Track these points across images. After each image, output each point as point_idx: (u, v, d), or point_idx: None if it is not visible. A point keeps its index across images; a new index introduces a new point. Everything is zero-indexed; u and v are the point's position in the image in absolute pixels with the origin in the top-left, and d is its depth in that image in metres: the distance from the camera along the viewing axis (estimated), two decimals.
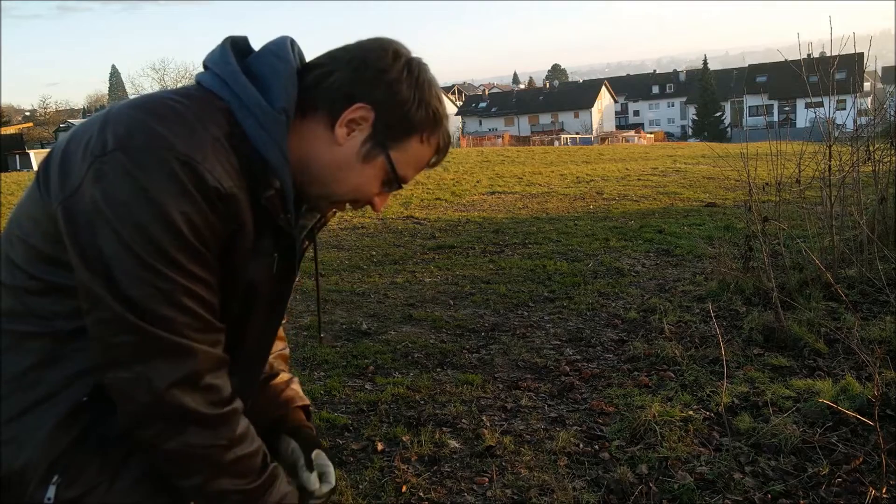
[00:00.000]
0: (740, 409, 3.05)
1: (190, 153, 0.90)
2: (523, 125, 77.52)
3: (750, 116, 56.67)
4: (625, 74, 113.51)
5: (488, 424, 3.07)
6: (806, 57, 5.21)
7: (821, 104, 5.16)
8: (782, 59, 5.66)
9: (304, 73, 1.04)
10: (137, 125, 0.92)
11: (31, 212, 0.99)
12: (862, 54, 5.50)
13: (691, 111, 78.49)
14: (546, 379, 3.67)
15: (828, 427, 2.77)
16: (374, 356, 4.04)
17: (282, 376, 1.38)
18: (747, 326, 4.05)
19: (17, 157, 29.63)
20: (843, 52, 4.85)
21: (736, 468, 2.56)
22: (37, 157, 29.47)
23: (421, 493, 2.55)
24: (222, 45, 1.04)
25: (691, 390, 3.32)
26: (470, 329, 4.58)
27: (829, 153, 4.91)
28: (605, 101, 79.70)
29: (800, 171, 5.10)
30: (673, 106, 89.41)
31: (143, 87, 63.01)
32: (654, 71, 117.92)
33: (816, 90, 5.03)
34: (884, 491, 2.26)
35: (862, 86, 6.35)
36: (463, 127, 76.12)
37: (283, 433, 1.30)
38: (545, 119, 78.02)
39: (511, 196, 12.66)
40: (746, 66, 78.71)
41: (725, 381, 3.14)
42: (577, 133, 59.68)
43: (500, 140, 51.39)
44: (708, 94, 73.21)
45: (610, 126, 76.73)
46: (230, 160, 0.95)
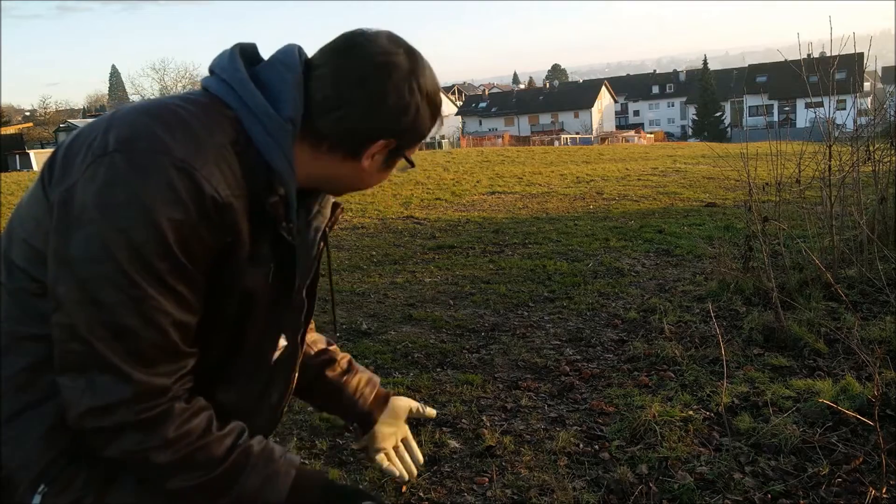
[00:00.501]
0: (740, 409, 3.05)
1: (188, 160, 0.89)
2: (523, 125, 77.54)
3: (750, 116, 56.68)
4: (625, 74, 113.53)
5: (488, 424, 3.07)
6: (806, 57, 5.21)
7: (821, 104, 5.16)
8: (782, 59, 5.66)
9: (308, 81, 1.03)
10: (140, 129, 0.91)
11: (32, 212, 0.98)
12: (862, 54, 5.50)
13: (691, 111, 78.50)
14: (546, 379, 3.67)
15: (828, 427, 2.77)
16: (374, 356, 4.04)
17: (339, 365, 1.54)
18: (747, 326, 4.05)
19: (17, 157, 29.61)
20: (843, 52, 4.85)
21: (736, 468, 2.56)
22: (37, 157, 29.45)
23: (421, 493, 2.55)
24: (231, 51, 1.04)
25: (691, 390, 3.32)
26: (470, 329, 4.58)
27: (829, 153, 4.91)
28: (605, 101, 79.73)
29: (800, 171, 5.10)
30: (673, 106, 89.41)
31: (143, 87, 63.17)
32: (654, 71, 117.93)
33: (816, 90, 5.03)
34: (884, 491, 2.26)
35: (862, 86, 6.35)
36: (463, 127, 76.13)
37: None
38: (545, 119, 78.04)
39: (511, 196, 12.66)
40: (746, 66, 78.71)
41: (725, 381, 3.14)
42: (577, 133, 59.69)
43: (500, 140, 51.42)
44: (708, 94, 73.22)
45: (610, 126, 76.74)
46: (232, 167, 0.94)
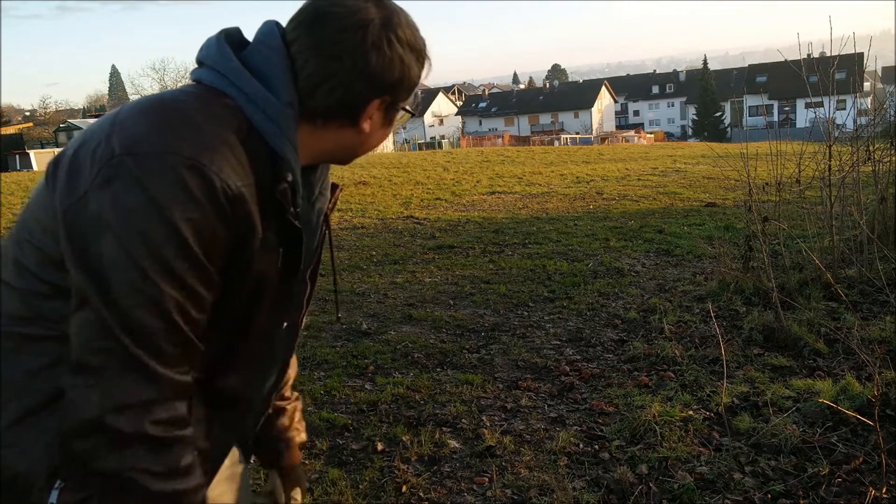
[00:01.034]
0: (740, 409, 3.05)
1: (197, 156, 0.89)
2: (523, 125, 77.50)
3: (750, 116, 56.64)
4: (625, 74, 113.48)
5: (488, 424, 3.07)
6: (806, 57, 5.21)
7: (821, 104, 5.16)
8: (782, 59, 5.67)
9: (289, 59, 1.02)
10: (144, 130, 0.91)
11: (39, 215, 0.98)
12: (862, 54, 5.50)
13: (691, 111, 78.45)
14: (546, 379, 3.67)
15: (828, 427, 2.77)
16: (374, 356, 4.04)
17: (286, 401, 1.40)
18: (747, 326, 4.05)
19: (17, 157, 29.60)
20: (843, 52, 4.86)
21: (736, 468, 2.56)
22: (37, 157, 29.44)
23: (421, 493, 2.55)
24: (217, 39, 1.03)
25: (691, 390, 3.32)
26: (470, 329, 4.58)
27: (829, 153, 4.91)
28: (605, 101, 79.68)
29: (800, 171, 5.10)
30: (673, 106, 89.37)
31: (143, 87, 63.09)
32: (654, 71, 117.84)
33: (816, 90, 5.04)
34: (884, 491, 2.26)
35: (862, 86, 6.34)
36: (463, 127, 76.07)
37: (273, 470, 1.39)
38: (545, 119, 78.00)
39: (511, 196, 12.66)
40: (746, 66, 78.69)
41: (725, 381, 3.14)
42: (577, 133, 59.65)
43: (500, 140, 51.40)
44: (708, 94, 73.18)
45: (610, 126, 76.70)
46: (239, 158, 0.94)
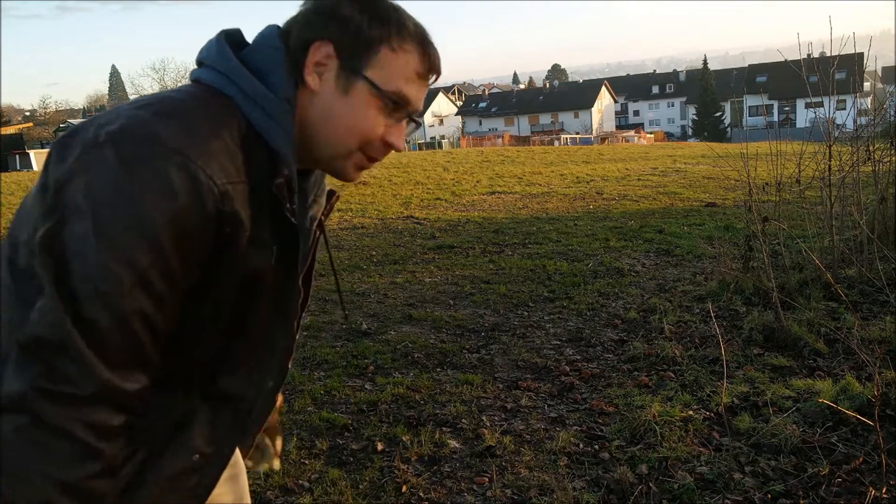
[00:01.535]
0: (740, 409, 3.05)
1: (183, 150, 0.87)
2: (523, 125, 77.48)
3: (750, 116, 56.62)
4: (625, 74, 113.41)
5: (488, 424, 3.07)
6: (806, 57, 5.21)
7: (821, 104, 5.16)
8: (782, 59, 5.67)
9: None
10: (134, 121, 0.89)
11: (32, 213, 0.96)
12: (862, 54, 5.50)
13: (691, 111, 78.42)
14: (546, 379, 3.67)
15: (828, 427, 2.77)
16: (374, 356, 4.04)
17: None
18: (747, 326, 4.05)
19: (17, 157, 29.58)
20: (843, 52, 4.85)
21: (736, 468, 2.56)
22: (37, 157, 29.42)
23: (421, 493, 2.55)
24: (217, 40, 1.03)
25: (691, 390, 3.32)
26: (470, 329, 4.58)
27: (829, 153, 4.91)
28: (605, 101, 79.66)
29: (800, 171, 5.10)
30: (673, 106, 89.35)
31: (142, 87, 63.18)
32: (654, 71, 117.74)
33: (816, 90, 5.04)
34: (884, 491, 2.26)
35: (862, 86, 6.34)
36: (463, 127, 76.06)
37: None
38: (545, 119, 77.98)
39: (511, 196, 12.66)
40: (746, 66, 78.66)
41: (725, 381, 3.14)
42: (577, 133, 59.63)
43: (500, 140, 51.38)
44: (708, 94, 73.16)
45: (610, 126, 76.67)
46: (231, 155, 0.93)
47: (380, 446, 2.90)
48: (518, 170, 17.73)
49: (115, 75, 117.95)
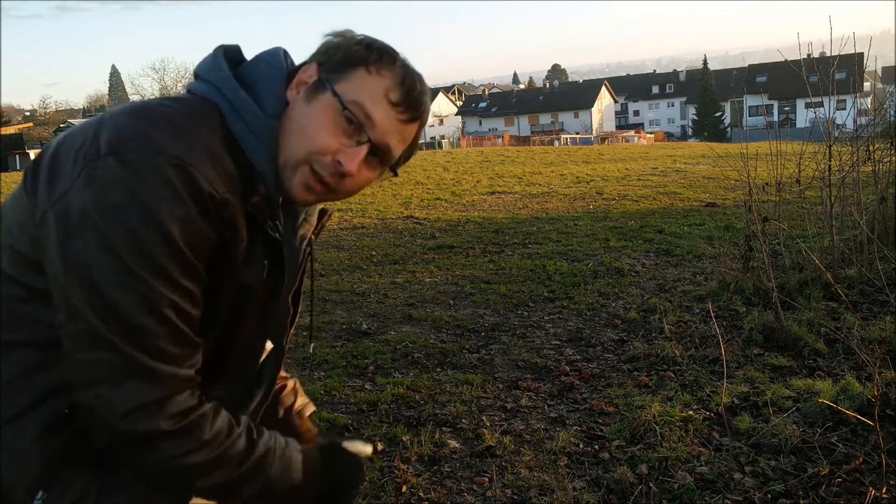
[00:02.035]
0: (740, 409, 3.05)
1: (183, 158, 0.89)
2: (523, 125, 77.50)
3: (750, 116, 56.60)
4: (625, 74, 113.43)
5: (488, 424, 3.07)
6: (806, 57, 5.21)
7: (821, 104, 5.16)
8: (782, 59, 5.67)
9: None
10: (131, 130, 0.90)
11: (17, 217, 0.97)
12: (862, 54, 5.50)
13: (691, 111, 78.43)
14: (546, 379, 3.67)
15: (828, 427, 2.77)
16: (374, 356, 4.04)
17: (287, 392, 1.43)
18: (747, 326, 4.05)
19: (17, 157, 29.60)
20: (843, 52, 4.85)
21: (736, 468, 2.56)
22: (37, 157, 29.50)
23: (421, 493, 2.55)
24: (214, 54, 1.05)
25: (691, 390, 3.32)
26: (470, 329, 4.58)
27: (829, 153, 4.91)
28: (605, 101, 79.69)
29: (800, 171, 5.10)
30: (673, 106, 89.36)
31: (143, 87, 63.19)
32: (654, 71, 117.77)
33: (816, 90, 5.03)
34: (884, 491, 2.26)
35: (862, 86, 6.34)
36: (463, 127, 76.10)
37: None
38: (545, 119, 78.00)
39: (511, 196, 12.66)
40: (746, 66, 78.66)
41: (725, 381, 3.14)
42: (577, 133, 59.64)
43: (500, 140, 51.39)
44: (708, 94, 73.16)
45: (610, 126, 76.68)
46: (224, 165, 0.94)
47: (380, 446, 2.90)
48: (518, 170, 17.74)
49: (115, 75, 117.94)
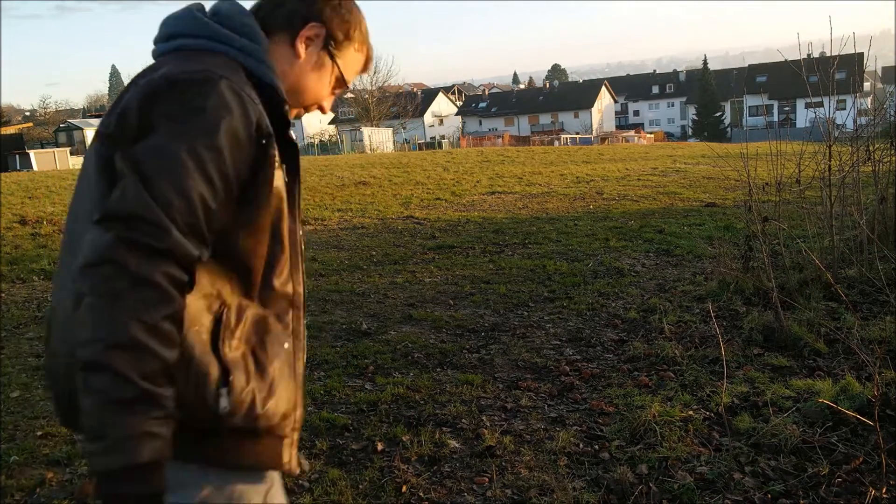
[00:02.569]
0: (740, 409, 3.05)
1: (227, 76, 1.08)
2: (523, 125, 77.44)
3: (750, 116, 56.59)
4: (625, 74, 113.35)
5: (488, 424, 3.07)
6: (806, 57, 5.21)
7: (821, 104, 5.16)
8: (782, 59, 5.67)
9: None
10: (177, 67, 1.08)
11: (91, 179, 1.10)
12: (862, 54, 5.50)
13: (691, 111, 78.37)
14: (546, 379, 3.67)
15: (828, 427, 2.77)
16: (374, 356, 4.04)
17: None
18: (747, 326, 4.05)
19: (17, 157, 29.52)
20: (843, 52, 4.85)
21: (736, 468, 2.56)
22: (37, 157, 29.36)
23: (421, 493, 2.55)
24: (194, 15, 1.20)
25: (691, 390, 3.32)
26: (470, 329, 4.58)
27: (829, 153, 4.91)
28: (605, 101, 79.62)
29: (800, 171, 5.10)
30: (673, 106, 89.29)
31: None
32: (654, 71, 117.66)
33: (816, 90, 5.04)
34: (884, 491, 2.26)
35: (862, 86, 6.34)
36: (463, 127, 76.02)
37: None
38: (545, 119, 77.93)
39: (511, 196, 12.66)
40: (746, 66, 78.62)
41: (725, 381, 3.14)
42: (577, 133, 59.58)
43: (500, 140, 51.37)
44: (708, 94, 73.10)
45: (610, 126, 76.62)
46: (252, 89, 1.12)
47: (380, 446, 2.90)
48: (518, 170, 17.73)
49: (115, 75, 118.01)
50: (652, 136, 59.49)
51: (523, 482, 2.56)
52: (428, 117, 74.38)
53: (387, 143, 41.94)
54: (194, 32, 1.17)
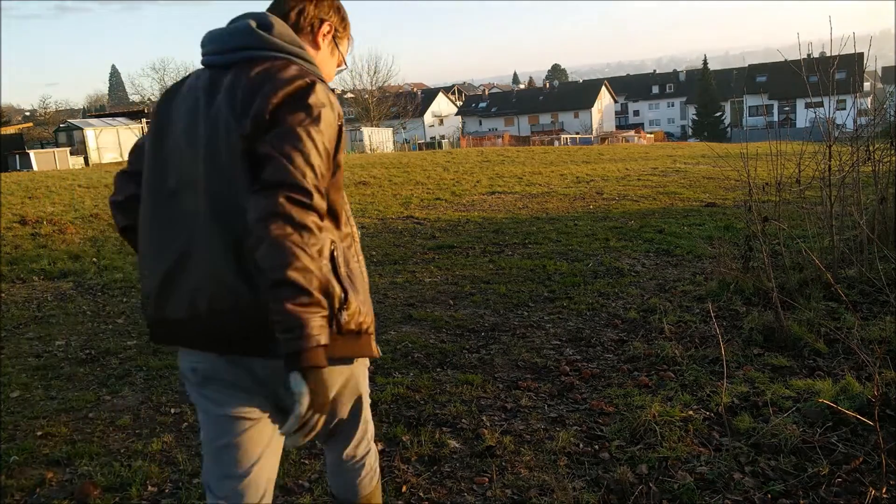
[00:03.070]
0: (740, 409, 3.05)
1: (324, 81, 1.51)
2: (523, 125, 77.41)
3: (750, 116, 56.61)
4: (625, 74, 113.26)
5: (488, 424, 3.07)
6: (806, 57, 5.20)
7: (821, 104, 5.16)
8: (782, 59, 5.66)
9: (279, 8, 1.64)
10: (285, 73, 1.45)
11: (226, 136, 1.44)
12: (862, 54, 5.50)
13: (691, 111, 78.34)
14: (546, 379, 3.67)
15: (828, 427, 2.77)
16: None
17: None
18: (747, 326, 4.05)
19: (17, 157, 29.47)
20: (843, 52, 4.85)
21: (736, 468, 2.56)
22: (37, 157, 29.29)
23: (421, 493, 2.55)
24: (252, 29, 1.51)
25: (691, 390, 3.32)
26: (470, 329, 4.58)
27: (829, 153, 4.91)
28: (605, 101, 79.58)
29: (800, 171, 5.10)
30: (673, 106, 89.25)
31: (143, 87, 63.19)
32: (654, 71, 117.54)
33: (816, 90, 5.03)
34: (884, 491, 2.26)
35: (862, 86, 6.34)
36: (463, 127, 75.99)
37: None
38: (545, 119, 77.90)
39: (511, 196, 12.66)
40: (746, 66, 78.56)
41: (725, 381, 3.14)
42: (577, 133, 59.54)
43: (500, 140, 51.34)
44: (708, 94, 73.07)
45: (610, 126, 76.59)
46: None
47: (380, 446, 2.90)
48: (518, 170, 17.73)
49: (115, 75, 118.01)
50: (652, 136, 59.47)
51: (523, 482, 2.56)
52: (428, 117, 74.38)
53: (387, 143, 41.91)
54: (261, 45, 1.51)
